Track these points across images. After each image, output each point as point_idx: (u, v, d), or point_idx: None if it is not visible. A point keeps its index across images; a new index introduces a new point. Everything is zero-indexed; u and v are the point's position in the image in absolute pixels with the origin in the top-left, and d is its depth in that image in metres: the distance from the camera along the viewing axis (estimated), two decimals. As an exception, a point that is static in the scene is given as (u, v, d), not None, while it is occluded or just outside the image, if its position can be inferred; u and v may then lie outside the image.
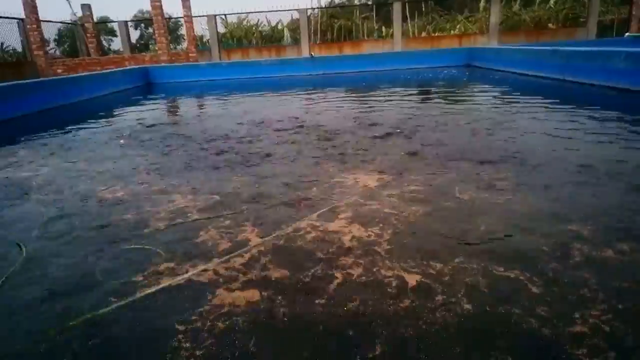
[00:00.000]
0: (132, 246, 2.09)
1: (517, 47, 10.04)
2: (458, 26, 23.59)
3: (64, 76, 8.80)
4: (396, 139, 4.06)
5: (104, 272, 1.85)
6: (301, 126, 4.95)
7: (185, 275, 1.78)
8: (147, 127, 5.52)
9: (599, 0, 19.12)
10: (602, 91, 6.62)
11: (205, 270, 1.81)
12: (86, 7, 18.51)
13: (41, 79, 8.10)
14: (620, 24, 21.06)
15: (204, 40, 23.03)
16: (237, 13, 22.42)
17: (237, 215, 2.38)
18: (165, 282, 1.73)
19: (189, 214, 2.44)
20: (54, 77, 8.48)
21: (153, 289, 1.69)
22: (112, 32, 29.88)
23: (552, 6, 21.84)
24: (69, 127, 5.86)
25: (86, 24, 19.00)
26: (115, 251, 2.05)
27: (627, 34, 15.69)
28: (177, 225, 2.31)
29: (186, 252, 1.99)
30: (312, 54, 13.11)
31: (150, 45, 29.60)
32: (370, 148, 3.74)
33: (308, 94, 8.89)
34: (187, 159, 3.74)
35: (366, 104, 6.94)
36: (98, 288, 1.73)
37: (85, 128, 5.78)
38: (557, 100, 5.97)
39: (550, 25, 21.61)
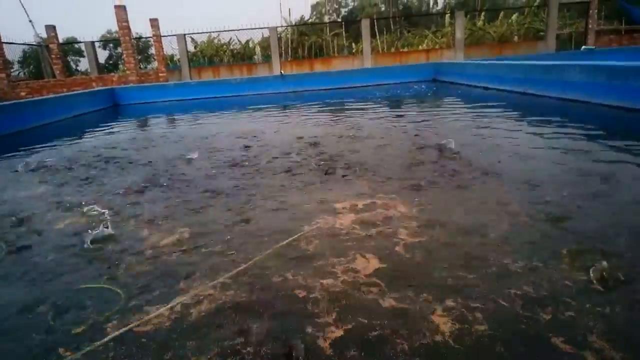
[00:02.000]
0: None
1: (480, 62, 10.33)
2: (425, 41, 24.20)
3: (22, 100, 8.51)
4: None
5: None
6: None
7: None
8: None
9: (557, 15, 19.93)
10: (555, 103, 6.86)
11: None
12: (50, 28, 18.13)
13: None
14: (578, 36, 21.98)
15: (175, 59, 22.88)
16: (208, 32, 22.37)
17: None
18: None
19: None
20: (11, 101, 8.19)
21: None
22: (80, 53, 29.37)
23: (513, 21, 22.63)
24: (19, 154, 5.65)
25: (51, 45, 18.60)
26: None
27: (583, 47, 16.37)
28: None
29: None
30: (282, 72, 13.15)
31: (120, 65, 29.21)
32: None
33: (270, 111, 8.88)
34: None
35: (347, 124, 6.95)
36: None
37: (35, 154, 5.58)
38: (507, 110, 6.16)
39: (514, 39, 22.40)
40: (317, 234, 2.36)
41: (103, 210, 2.88)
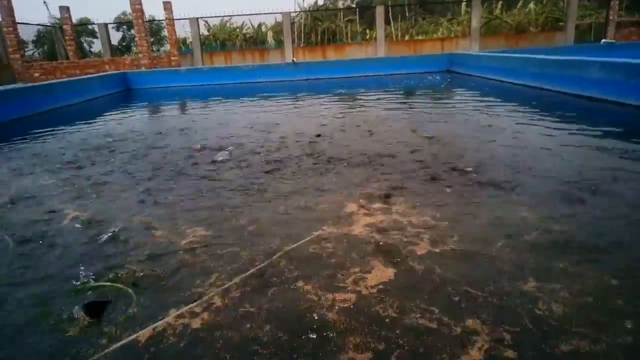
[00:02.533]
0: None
1: (495, 55, 10.14)
2: (441, 29, 23.81)
3: (36, 84, 8.57)
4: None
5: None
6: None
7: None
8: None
9: (577, 4, 19.43)
10: (572, 100, 6.73)
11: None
12: (64, 9, 18.16)
13: (8, 86, 7.88)
14: (598, 27, 21.44)
15: (187, 42, 22.81)
16: (220, 16, 22.22)
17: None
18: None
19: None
20: (24, 85, 8.24)
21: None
22: (93, 34, 29.41)
23: (531, 10, 22.15)
24: (34, 138, 5.71)
25: (64, 27, 18.64)
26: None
27: (603, 40, 15.96)
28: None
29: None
30: (294, 59, 13.05)
31: (133, 47, 29.24)
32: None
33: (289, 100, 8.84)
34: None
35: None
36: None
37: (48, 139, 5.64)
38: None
39: (531, 29, 21.93)
40: (328, 238, 2.36)
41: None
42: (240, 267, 2.08)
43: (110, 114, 8.00)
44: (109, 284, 2.00)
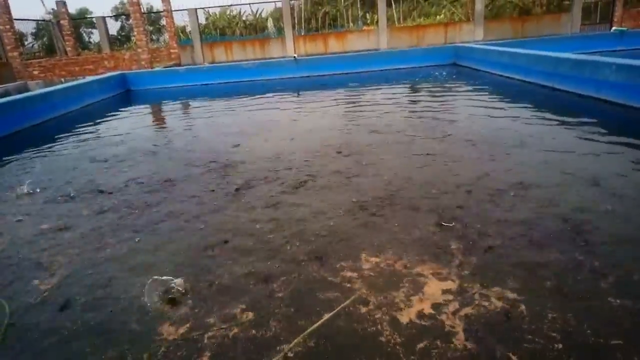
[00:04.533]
0: None
1: (504, 50, 9.78)
2: (443, 11, 23.36)
3: (33, 93, 8.35)
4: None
5: None
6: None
7: None
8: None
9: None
10: (588, 103, 6.52)
11: None
12: (61, 4, 17.87)
13: (7, 99, 7.68)
14: (604, 7, 20.99)
15: (187, 30, 22.42)
16: (219, 6, 21.89)
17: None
18: None
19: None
20: (22, 96, 8.03)
21: None
22: (92, 25, 29.06)
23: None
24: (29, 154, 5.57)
25: (62, 21, 18.36)
26: None
27: (613, 28, 15.47)
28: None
29: None
30: (296, 55, 12.76)
31: (132, 37, 28.92)
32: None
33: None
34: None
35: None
36: None
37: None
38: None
39: (535, 8, 21.51)
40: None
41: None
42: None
43: (109, 118, 7.82)
44: None
